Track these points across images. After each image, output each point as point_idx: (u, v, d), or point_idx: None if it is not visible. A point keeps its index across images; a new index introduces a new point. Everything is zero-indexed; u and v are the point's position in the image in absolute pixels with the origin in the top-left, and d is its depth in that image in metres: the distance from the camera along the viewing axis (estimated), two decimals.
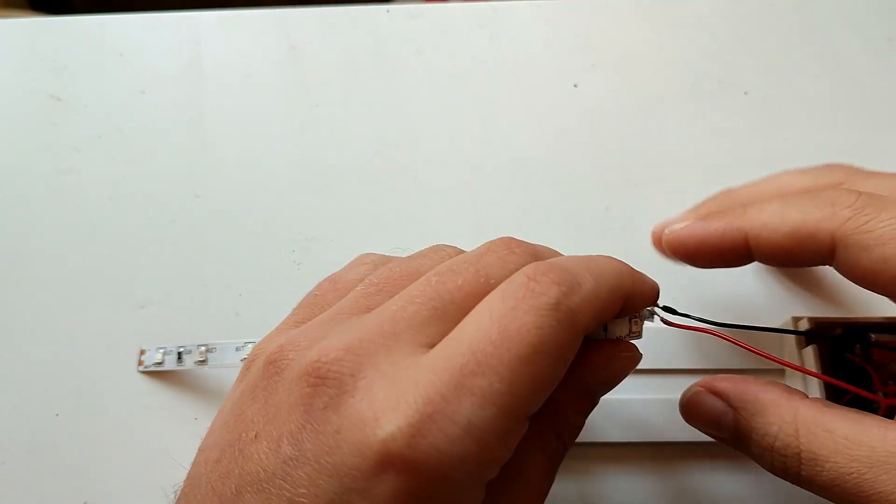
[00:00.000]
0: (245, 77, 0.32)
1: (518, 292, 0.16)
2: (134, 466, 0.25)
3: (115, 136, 0.30)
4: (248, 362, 0.20)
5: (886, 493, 0.17)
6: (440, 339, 0.17)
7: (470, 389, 0.15)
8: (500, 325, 0.16)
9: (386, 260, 0.22)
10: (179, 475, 0.24)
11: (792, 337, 0.24)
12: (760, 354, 0.21)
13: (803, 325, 0.24)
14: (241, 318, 0.27)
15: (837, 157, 0.31)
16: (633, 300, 0.19)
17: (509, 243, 0.19)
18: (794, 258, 0.21)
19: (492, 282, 0.17)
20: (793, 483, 0.19)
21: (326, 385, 0.16)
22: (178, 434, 0.25)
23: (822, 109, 0.32)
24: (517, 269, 0.17)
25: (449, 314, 0.17)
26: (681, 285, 0.27)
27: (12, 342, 0.26)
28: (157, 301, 0.27)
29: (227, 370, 0.26)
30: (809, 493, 0.19)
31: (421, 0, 0.55)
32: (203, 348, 0.26)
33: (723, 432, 0.21)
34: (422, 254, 0.21)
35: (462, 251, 0.21)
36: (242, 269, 0.28)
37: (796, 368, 0.22)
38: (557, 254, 0.20)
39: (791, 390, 0.20)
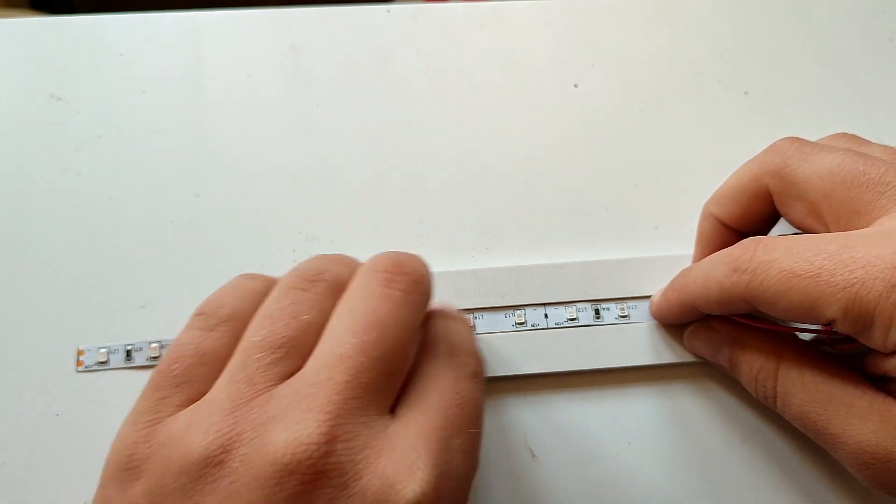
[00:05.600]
0: (245, 77, 0.32)
1: (452, 363, 0.20)
2: None
3: (115, 136, 0.30)
4: (132, 459, 0.18)
5: (835, 434, 0.21)
6: (393, 400, 0.19)
7: (453, 448, 0.18)
8: (455, 391, 0.19)
9: (237, 313, 0.21)
10: None
11: None
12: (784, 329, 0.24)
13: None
14: None
15: None
16: None
17: (401, 286, 0.20)
18: (736, 313, 0.23)
19: (413, 327, 0.20)
20: (772, 409, 0.23)
21: (328, 478, 0.16)
22: None
23: (822, 109, 0.32)
24: (422, 308, 0.21)
25: (394, 376, 0.19)
26: None
27: (12, 342, 0.26)
28: (157, 301, 0.27)
29: None
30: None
31: (421, 0, 0.55)
32: (156, 345, 0.26)
33: (720, 361, 0.25)
34: (292, 300, 0.20)
35: (320, 276, 0.21)
36: (242, 269, 0.28)
37: (803, 330, 0.24)
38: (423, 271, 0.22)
39: (781, 333, 0.24)
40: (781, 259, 0.20)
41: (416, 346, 0.20)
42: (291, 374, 0.19)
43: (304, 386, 0.18)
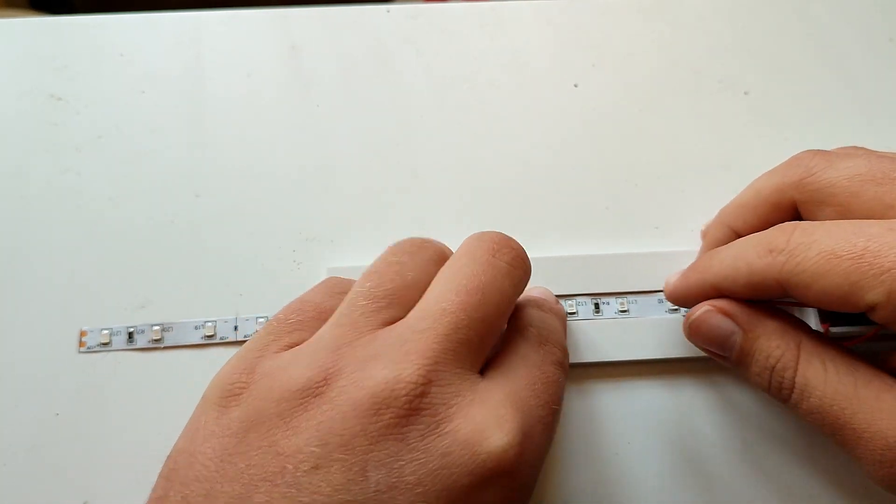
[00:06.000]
0: (245, 77, 0.32)
1: (540, 349, 0.21)
2: (134, 466, 0.25)
3: (115, 136, 0.30)
4: (234, 387, 0.19)
5: (859, 429, 0.19)
6: (483, 362, 0.20)
7: (536, 417, 0.19)
8: (542, 370, 0.20)
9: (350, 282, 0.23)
10: None
11: None
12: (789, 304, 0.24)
13: None
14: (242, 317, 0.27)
15: None
16: None
17: (505, 258, 0.21)
18: (761, 298, 0.23)
19: (510, 300, 0.21)
20: (782, 404, 0.22)
21: (420, 414, 0.17)
22: (179, 433, 0.25)
23: (822, 109, 0.32)
24: (520, 285, 0.22)
25: (487, 339, 0.20)
26: None
27: (12, 342, 0.26)
28: (157, 301, 0.27)
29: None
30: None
31: (421, 0, 0.55)
32: (157, 328, 0.26)
33: (726, 351, 0.23)
34: (399, 260, 0.21)
35: (426, 245, 0.22)
36: (242, 269, 0.28)
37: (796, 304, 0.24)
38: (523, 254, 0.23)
39: (797, 320, 0.23)
40: (821, 240, 0.19)
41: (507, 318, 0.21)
42: (393, 323, 0.20)
43: (406, 332, 0.19)
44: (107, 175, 0.30)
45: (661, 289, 0.27)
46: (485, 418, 0.18)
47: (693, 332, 0.24)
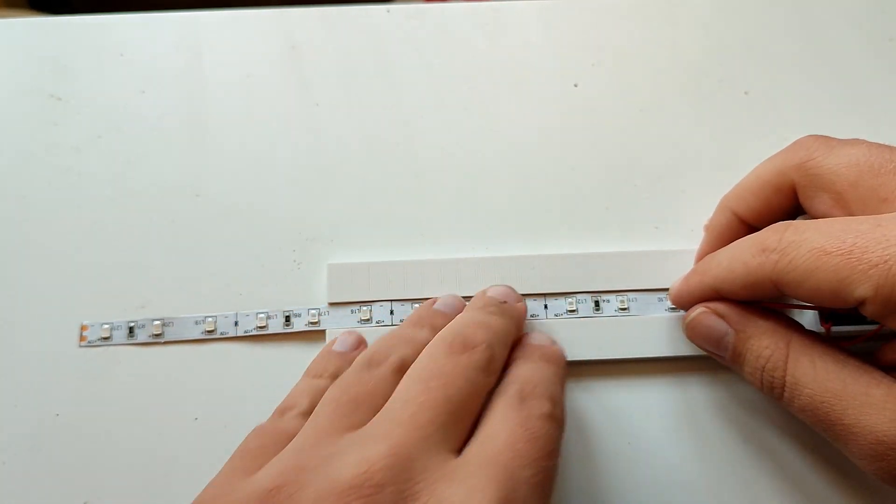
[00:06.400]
0: (245, 77, 0.32)
1: (523, 405, 0.20)
2: (134, 466, 0.25)
3: (115, 136, 0.30)
4: None
5: (850, 425, 0.20)
6: (461, 441, 0.19)
7: (521, 478, 0.18)
8: (524, 427, 0.19)
9: (308, 408, 0.22)
10: (179, 474, 0.24)
11: None
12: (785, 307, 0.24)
13: None
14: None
15: None
16: None
17: (466, 340, 0.21)
18: (759, 298, 0.23)
19: (481, 385, 0.20)
20: (776, 402, 0.22)
21: (383, 493, 0.16)
22: (178, 433, 0.25)
23: (822, 109, 0.32)
24: (490, 369, 0.21)
25: (460, 418, 0.19)
26: None
27: (12, 342, 0.26)
28: (157, 301, 0.27)
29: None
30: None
31: (421, 0, 0.55)
32: (158, 322, 0.26)
33: (721, 351, 0.23)
34: (360, 370, 0.21)
35: (390, 352, 0.22)
36: (242, 269, 0.28)
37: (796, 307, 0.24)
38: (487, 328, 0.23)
39: (789, 320, 0.23)
40: (812, 238, 0.20)
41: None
42: (359, 427, 0.20)
43: (370, 428, 0.19)
44: (107, 175, 0.30)
45: (660, 287, 0.27)
46: (454, 493, 0.17)
47: (690, 333, 0.25)
